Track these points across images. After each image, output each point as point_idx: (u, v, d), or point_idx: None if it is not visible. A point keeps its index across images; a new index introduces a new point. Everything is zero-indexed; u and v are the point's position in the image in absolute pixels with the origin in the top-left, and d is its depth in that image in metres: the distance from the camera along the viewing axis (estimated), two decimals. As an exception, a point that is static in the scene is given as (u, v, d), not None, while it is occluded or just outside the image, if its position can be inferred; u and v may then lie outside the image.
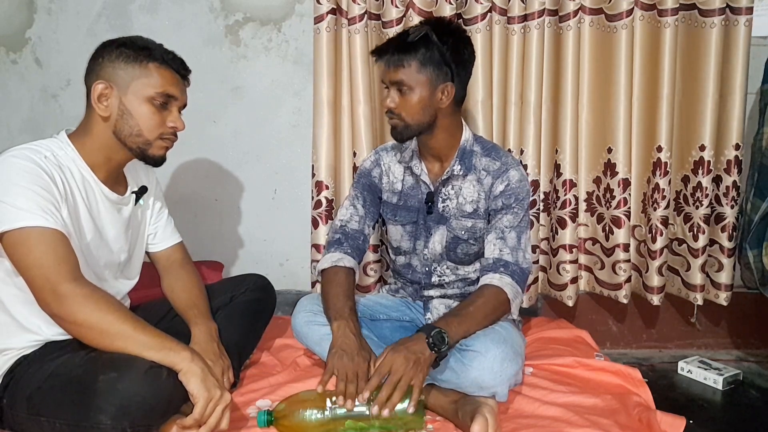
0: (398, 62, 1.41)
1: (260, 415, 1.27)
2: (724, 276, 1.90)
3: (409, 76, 1.40)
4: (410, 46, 1.40)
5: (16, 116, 2.08)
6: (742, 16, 1.75)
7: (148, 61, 1.27)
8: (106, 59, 1.27)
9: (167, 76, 1.29)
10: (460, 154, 1.51)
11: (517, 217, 1.49)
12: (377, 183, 1.62)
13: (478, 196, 1.52)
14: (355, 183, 1.66)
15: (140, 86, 1.27)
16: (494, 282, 1.43)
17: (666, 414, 1.38)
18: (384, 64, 1.45)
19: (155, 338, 1.17)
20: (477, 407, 1.27)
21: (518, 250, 1.48)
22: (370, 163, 1.64)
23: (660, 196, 1.85)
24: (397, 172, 1.60)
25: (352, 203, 1.64)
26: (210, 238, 2.11)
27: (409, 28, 1.45)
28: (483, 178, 1.51)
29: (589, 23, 1.86)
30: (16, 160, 1.19)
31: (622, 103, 1.83)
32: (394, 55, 1.41)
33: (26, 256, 1.15)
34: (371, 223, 1.64)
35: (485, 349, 1.31)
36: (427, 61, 1.40)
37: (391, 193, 1.61)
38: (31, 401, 1.16)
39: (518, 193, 1.49)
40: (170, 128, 1.31)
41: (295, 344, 1.66)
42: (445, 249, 1.56)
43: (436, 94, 1.43)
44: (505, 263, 1.45)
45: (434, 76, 1.41)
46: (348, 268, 1.54)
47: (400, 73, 1.41)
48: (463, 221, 1.53)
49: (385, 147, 1.66)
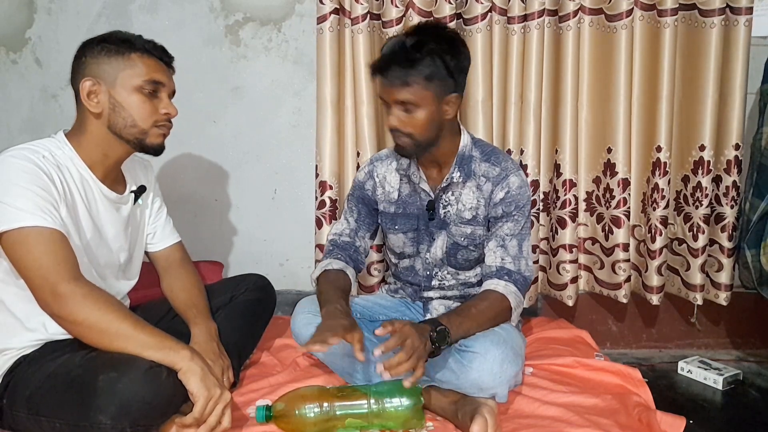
0: (403, 80, 1.32)
1: (259, 411, 1.26)
2: (724, 276, 1.90)
3: (416, 93, 1.33)
4: (414, 62, 1.31)
5: (16, 116, 2.08)
6: (742, 16, 1.76)
7: (131, 51, 1.28)
8: (89, 57, 1.28)
9: (151, 64, 1.30)
10: (459, 160, 1.49)
11: (517, 224, 1.48)
12: (371, 195, 1.61)
13: (478, 203, 1.50)
14: (350, 195, 1.65)
15: (127, 77, 1.27)
16: (499, 289, 1.42)
17: (666, 414, 1.38)
18: (385, 82, 1.35)
19: (155, 338, 1.17)
20: (476, 408, 1.26)
21: (520, 258, 1.47)
22: (363, 176, 1.62)
23: (659, 196, 1.86)
24: (393, 181, 1.58)
25: (345, 217, 1.64)
26: (210, 238, 2.11)
27: (407, 40, 1.34)
28: (482, 184, 1.49)
29: (588, 23, 1.86)
30: (15, 160, 1.19)
31: (622, 103, 1.83)
32: (397, 72, 1.32)
33: (25, 256, 1.15)
34: (365, 234, 1.63)
35: (485, 350, 1.30)
36: (433, 75, 1.33)
37: (388, 203, 1.59)
38: (31, 401, 1.16)
39: (518, 200, 1.48)
40: (163, 115, 1.32)
41: (295, 344, 1.66)
42: (445, 255, 1.56)
43: (442, 107, 1.38)
44: (509, 272, 1.45)
45: (440, 90, 1.35)
46: (337, 269, 1.53)
47: (405, 92, 1.33)
48: (462, 228, 1.52)
49: (379, 156, 1.63)
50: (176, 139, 1.43)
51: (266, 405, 1.28)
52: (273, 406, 1.28)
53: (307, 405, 1.24)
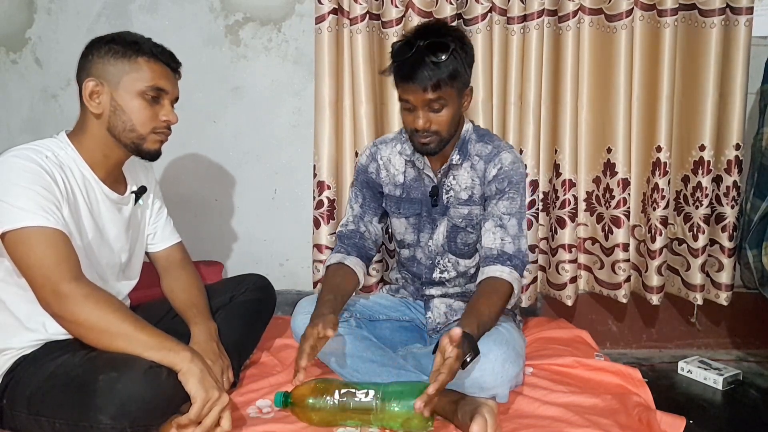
0: (434, 83, 1.35)
1: (278, 396, 1.32)
2: (725, 276, 1.90)
3: (445, 93, 1.37)
4: (441, 64, 1.35)
5: (16, 116, 2.08)
6: (742, 16, 1.76)
7: (138, 55, 1.27)
8: (96, 56, 1.27)
9: (157, 70, 1.29)
10: (460, 144, 1.52)
11: (513, 202, 1.48)
12: (375, 178, 1.62)
13: (473, 182, 1.52)
14: (354, 180, 1.66)
15: (130, 81, 1.27)
16: (504, 276, 1.42)
17: (666, 414, 1.38)
18: (413, 86, 1.37)
19: (155, 338, 1.17)
20: (477, 407, 1.26)
21: (520, 237, 1.48)
22: (365, 159, 1.63)
23: (659, 196, 1.86)
24: (397, 164, 1.59)
25: (350, 204, 1.65)
26: (210, 238, 2.11)
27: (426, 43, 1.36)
28: (476, 163, 1.51)
29: (588, 23, 1.86)
30: (18, 160, 1.19)
31: (622, 103, 1.83)
32: (428, 74, 1.34)
33: (27, 255, 1.16)
34: (371, 218, 1.63)
35: (487, 350, 1.30)
36: (455, 73, 1.37)
37: (393, 186, 1.60)
38: (31, 401, 1.16)
39: (512, 176, 1.48)
40: (163, 122, 1.31)
41: (295, 344, 1.66)
42: (446, 239, 1.56)
43: (462, 102, 1.44)
44: (510, 256, 1.45)
45: (461, 86, 1.41)
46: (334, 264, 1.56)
47: (437, 93, 1.36)
48: (460, 209, 1.53)
49: (383, 139, 1.64)
50: (176, 139, 1.42)
51: (285, 392, 1.33)
52: (291, 393, 1.32)
53: (318, 396, 1.28)
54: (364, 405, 1.27)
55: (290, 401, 1.31)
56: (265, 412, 1.37)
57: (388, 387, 1.30)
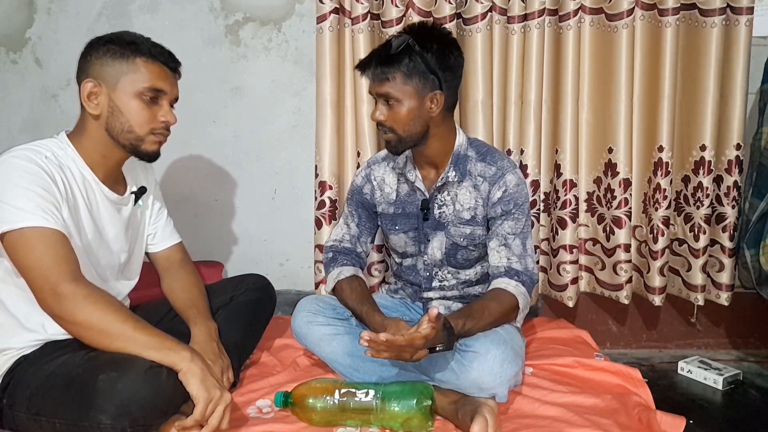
0: (382, 75, 1.38)
1: (278, 396, 1.32)
2: (725, 276, 1.89)
3: (395, 88, 1.38)
4: (393, 58, 1.37)
5: (16, 116, 2.08)
6: (743, 15, 1.75)
7: (135, 56, 1.27)
8: (94, 57, 1.27)
9: (155, 71, 1.28)
10: (455, 160, 1.50)
11: (518, 222, 1.49)
12: (369, 199, 1.62)
13: (476, 203, 1.51)
14: (349, 199, 1.66)
15: (128, 82, 1.26)
16: (510, 288, 1.43)
17: (666, 414, 1.38)
18: (368, 76, 1.43)
19: (155, 338, 1.17)
20: (477, 407, 1.27)
21: (525, 257, 1.48)
22: (360, 180, 1.64)
23: (661, 196, 1.85)
24: (391, 182, 1.59)
25: (345, 221, 1.65)
26: (210, 238, 2.11)
27: (392, 38, 1.41)
28: (479, 184, 1.50)
29: (589, 23, 1.86)
30: (17, 160, 1.19)
31: (623, 103, 1.83)
32: (378, 68, 1.39)
33: (27, 256, 1.16)
34: (366, 239, 1.66)
35: (485, 350, 1.31)
36: (412, 71, 1.37)
37: (387, 205, 1.60)
38: (31, 401, 1.16)
39: (517, 198, 1.48)
40: (161, 123, 1.31)
41: (295, 344, 1.66)
42: (445, 255, 1.56)
43: (425, 104, 1.41)
44: (517, 272, 1.46)
45: (420, 86, 1.39)
46: (348, 277, 1.56)
47: (386, 86, 1.39)
48: (462, 228, 1.53)
49: (376, 158, 1.65)
50: (176, 139, 1.42)
51: (285, 392, 1.33)
52: (291, 393, 1.32)
53: (318, 396, 1.29)
54: (364, 405, 1.27)
55: (290, 401, 1.31)
56: (265, 412, 1.37)
57: (388, 387, 1.30)
